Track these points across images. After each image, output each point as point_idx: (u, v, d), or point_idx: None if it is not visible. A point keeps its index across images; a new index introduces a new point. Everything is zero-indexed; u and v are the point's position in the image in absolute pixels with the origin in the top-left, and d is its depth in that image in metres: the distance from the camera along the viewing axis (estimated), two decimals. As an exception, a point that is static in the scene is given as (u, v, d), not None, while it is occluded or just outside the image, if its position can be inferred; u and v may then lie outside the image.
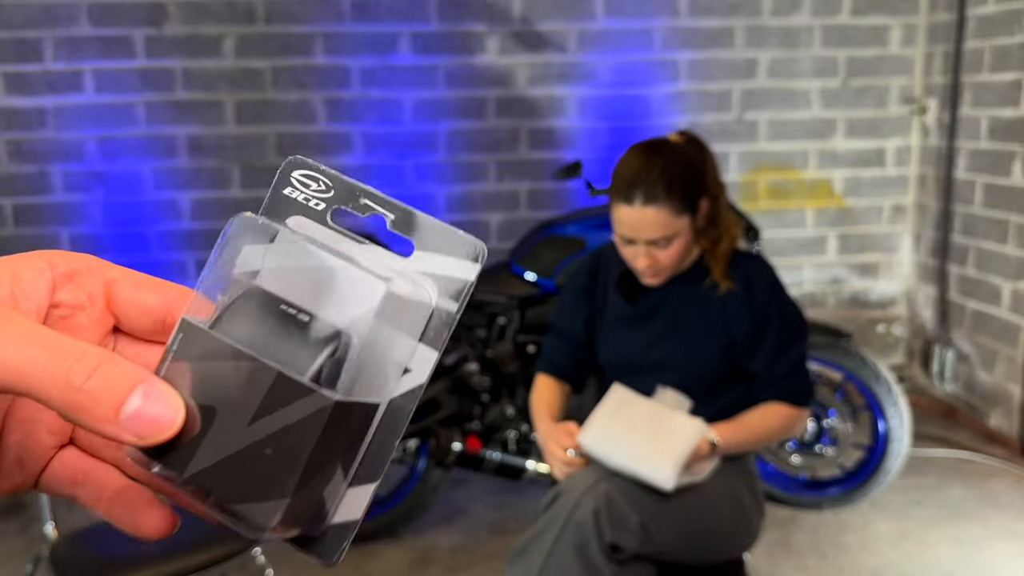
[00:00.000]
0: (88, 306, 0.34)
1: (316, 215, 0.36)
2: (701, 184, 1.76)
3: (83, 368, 0.29)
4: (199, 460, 0.32)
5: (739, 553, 1.82)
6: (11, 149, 3.54)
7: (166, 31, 3.51)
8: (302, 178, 0.36)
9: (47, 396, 0.29)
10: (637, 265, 1.77)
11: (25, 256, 0.34)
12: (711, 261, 1.81)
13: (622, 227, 1.74)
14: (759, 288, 1.80)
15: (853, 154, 3.94)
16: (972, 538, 2.74)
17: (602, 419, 1.71)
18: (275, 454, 0.31)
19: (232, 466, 0.32)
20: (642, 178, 1.69)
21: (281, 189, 0.36)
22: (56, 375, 0.29)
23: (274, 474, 0.31)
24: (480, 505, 3.03)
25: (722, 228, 1.81)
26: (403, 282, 0.34)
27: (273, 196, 0.36)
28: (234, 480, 0.32)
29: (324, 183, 0.36)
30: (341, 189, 0.36)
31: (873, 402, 2.88)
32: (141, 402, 0.30)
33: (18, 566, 2.64)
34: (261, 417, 0.31)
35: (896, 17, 3.84)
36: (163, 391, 0.30)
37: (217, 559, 1.92)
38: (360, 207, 0.36)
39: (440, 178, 3.75)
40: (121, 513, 0.36)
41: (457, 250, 0.35)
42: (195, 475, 0.32)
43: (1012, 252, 3.40)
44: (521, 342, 2.78)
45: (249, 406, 0.31)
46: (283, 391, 0.31)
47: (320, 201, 0.36)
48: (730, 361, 1.81)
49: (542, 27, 3.68)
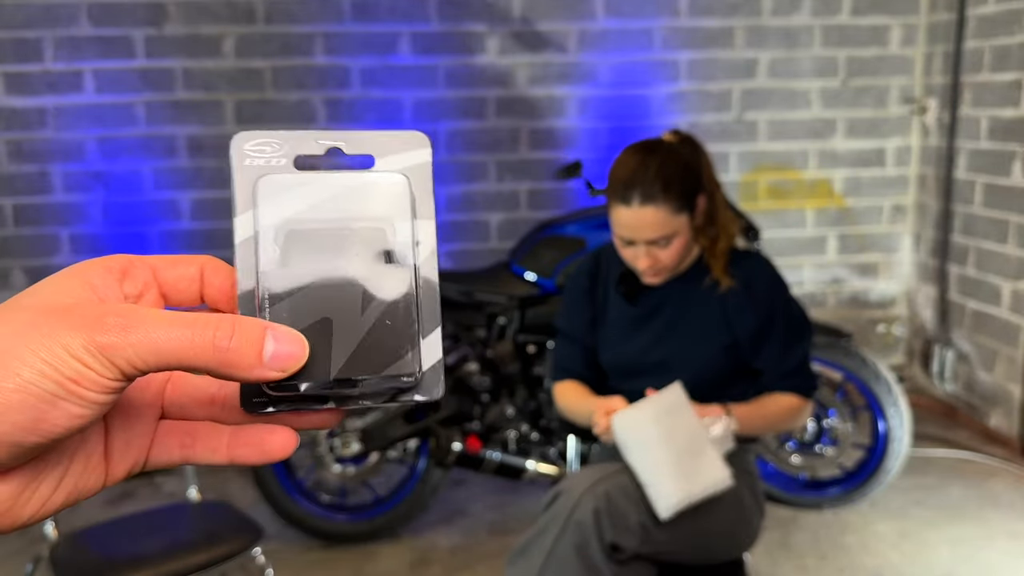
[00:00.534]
0: (146, 292, 0.40)
1: (281, 169, 0.41)
2: (698, 182, 1.76)
3: (224, 333, 0.35)
4: (336, 360, 0.39)
5: (739, 553, 1.82)
6: (11, 149, 3.54)
7: (166, 31, 3.51)
8: (255, 148, 0.41)
9: (203, 363, 0.35)
10: (638, 266, 1.77)
11: (84, 266, 0.38)
12: (710, 259, 1.82)
13: (621, 228, 1.74)
14: (761, 286, 1.81)
15: (853, 154, 3.94)
16: (972, 538, 2.74)
17: (647, 413, 1.67)
18: (393, 322, 0.40)
19: (365, 348, 0.40)
20: (639, 178, 1.69)
21: (242, 163, 0.40)
22: (205, 344, 0.35)
23: (401, 333, 0.40)
24: (480, 505, 3.03)
25: (720, 226, 1.81)
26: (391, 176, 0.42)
27: (239, 172, 0.40)
28: (373, 356, 0.40)
29: (275, 144, 0.41)
30: (294, 141, 0.41)
31: (873, 402, 2.88)
32: (275, 345, 0.36)
33: (18, 566, 2.64)
34: (367, 306, 0.40)
35: (896, 17, 3.84)
36: (285, 330, 0.37)
37: (217, 559, 1.92)
38: (318, 147, 0.41)
39: (440, 178, 3.75)
40: (247, 450, 0.41)
41: (408, 146, 0.43)
42: (341, 371, 0.39)
43: (1012, 252, 3.40)
44: (521, 342, 2.78)
45: (354, 304, 0.40)
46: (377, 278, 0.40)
47: (280, 158, 0.41)
48: (733, 360, 1.81)
49: (542, 27, 3.68)
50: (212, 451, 0.41)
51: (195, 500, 2.23)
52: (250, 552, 2.03)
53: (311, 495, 2.82)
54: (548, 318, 2.73)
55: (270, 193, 0.40)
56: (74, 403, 0.33)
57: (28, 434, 0.33)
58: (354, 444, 2.72)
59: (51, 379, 0.33)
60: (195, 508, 2.17)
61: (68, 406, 0.33)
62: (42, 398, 0.33)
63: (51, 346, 0.33)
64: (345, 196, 0.41)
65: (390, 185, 0.42)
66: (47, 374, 0.33)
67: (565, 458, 2.67)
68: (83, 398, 0.33)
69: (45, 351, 0.33)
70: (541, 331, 2.77)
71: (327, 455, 2.77)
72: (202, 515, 2.14)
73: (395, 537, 2.83)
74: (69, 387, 0.33)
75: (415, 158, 0.43)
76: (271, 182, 0.40)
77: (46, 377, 0.33)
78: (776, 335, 1.80)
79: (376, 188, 0.41)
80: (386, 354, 0.40)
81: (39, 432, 0.33)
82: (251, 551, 2.04)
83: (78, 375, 0.33)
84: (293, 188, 0.40)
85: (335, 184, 0.41)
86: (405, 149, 0.43)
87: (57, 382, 0.33)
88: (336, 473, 2.81)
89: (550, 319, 2.71)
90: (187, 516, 2.13)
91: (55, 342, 0.33)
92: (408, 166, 0.43)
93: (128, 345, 0.34)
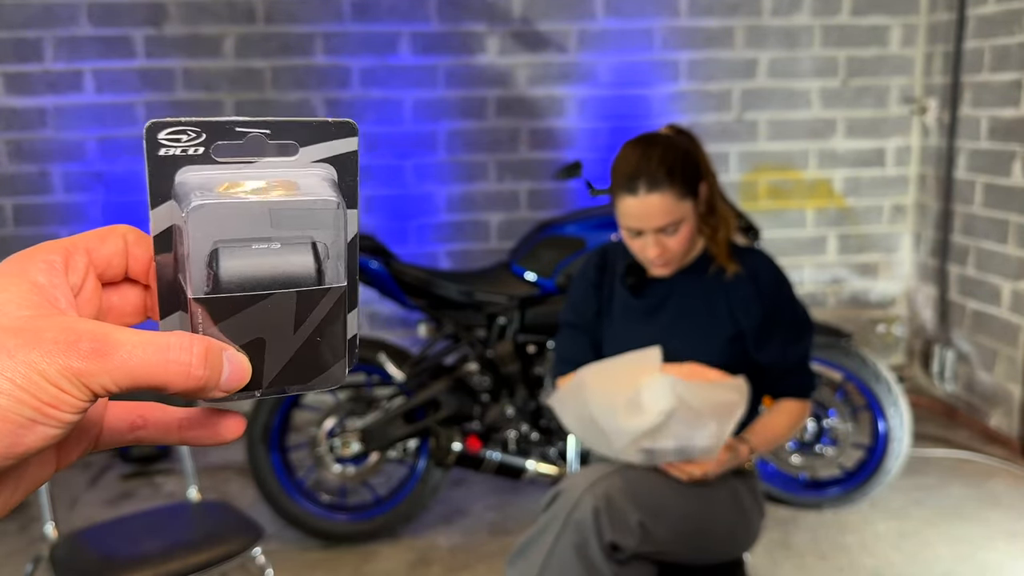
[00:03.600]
0: (86, 277, 0.40)
1: (199, 159, 0.39)
2: (698, 169, 1.78)
3: (198, 360, 0.36)
4: (268, 374, 0.40)
5: (739, 553, 1.82)
6: (11, 149, 3.54)
7: (166, 31, 3.51)
8: (170, 136, 0.38)
9: (175, 388, 0.36)
10: (648, 255, 1.77)
11: (24, 264, 0.38)
12: (712, 248, 1.84)
13: (628, 219, 1.75)
14: (767, 280, 1.83)
15: (853, 154, 3.94)
16: (972, 538, 2.74)
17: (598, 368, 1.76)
18: (323, 338, 0.41)
19: (295, 363, 0.41)
20: (643, 168, 1.71)
21: (155, 153, 0.38)
22: (180, 371, 0.36)
23: (330, 347, 0.41)
24: (480, 505, 3.03)
25: (719, 215, 1.83)
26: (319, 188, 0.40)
27: (151, 162, 0.38)
28: (301, 369, 0.41)
29: (193, 131, 0.39)
30: (211, 129, 0.39)
31: (873, 402, 2.88)
32: (229, 370, 0.38)
33: (18, 566, 2.64)
34: (300, 324, 0.40)
35: (896, 17, 3.84)
36: (236, 356, 0.38)
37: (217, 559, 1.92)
38: (237, 135, 0.39)
39: (440, 178, 3.75)
40: (198, 433, 0.42)
41: (333, 134, 0.41)
42: (271, 384, 0.41)
43: (1012, 252, 3.40)
44: (521, 342, 2.78)
45: (288, 322, 0.40)
46: (308, 300, 0.40)
47: (197, 147, 0.39)
48: (738, 351, 1.81)
49: (542, 27, 3.68)
50: (164, 433, 0.43)
51: (195, 500, 2.23)
52: (250, 552, 2.03)
53: (311, 495, 2.82)
54: (548, 318, 2.73)
55: (191, 190, 0.38)
56: (50, 426, 0.34)
57: (2, 460, 0.34)
58: (354, 444, 2.72)
59: (28, 405, 0.33)
60: (195, 508, 2.17)
61: (44, 429, 0.34)
62: (19, 424, 0.33)
63: (27, 373, 0.33)
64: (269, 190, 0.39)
65: (316, 177, 0.41)
66: (25, 401, 0.33)
67: (565, 458, 2.67)
68: (60, 420, 0.34)
69: (21, 378, 0.33)
70: (541, 331, 2.77)
71: (327, 455, 2.77)
72: (202, 515, 2.14)
73: (395, 537, 2.82)
74: (46, 411, 0.33)
75: (342, 147, 0.42)
76: (189, 175, 0.39)
77: (24, 404, 0.33)
78: (779, 331, 1.82)
79: (303, 181, 0.40)
80: (315, 368, 0.41)
81: (13, 455, 0.34)
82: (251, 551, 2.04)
83: (55, 400, 0.33)
84: (213, 182, 0.39)
85: (259, 176, 0.40)
86: (331, 137, 0.41)
87: (35, 408, 0.33)
88: (336, 473, 2.81)
89: (550, 319, 2.71)
90: (187, 516, 2.13)
91: (31, 369, 0.33)
92: (335, 155, 0.42)
93: (104, 372, 0.34)
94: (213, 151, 0.39)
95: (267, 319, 0.39)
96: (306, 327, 0.40)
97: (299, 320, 0.40)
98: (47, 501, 2.04)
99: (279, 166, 0.41)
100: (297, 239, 0.39)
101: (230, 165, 0.40)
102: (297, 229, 0.39)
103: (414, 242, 3.75)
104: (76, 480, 3.26)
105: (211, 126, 0.39)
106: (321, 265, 0.40)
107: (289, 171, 0.41)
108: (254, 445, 2.72)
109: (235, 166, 0.40)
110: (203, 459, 3.34)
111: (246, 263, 0.38)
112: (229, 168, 0.40)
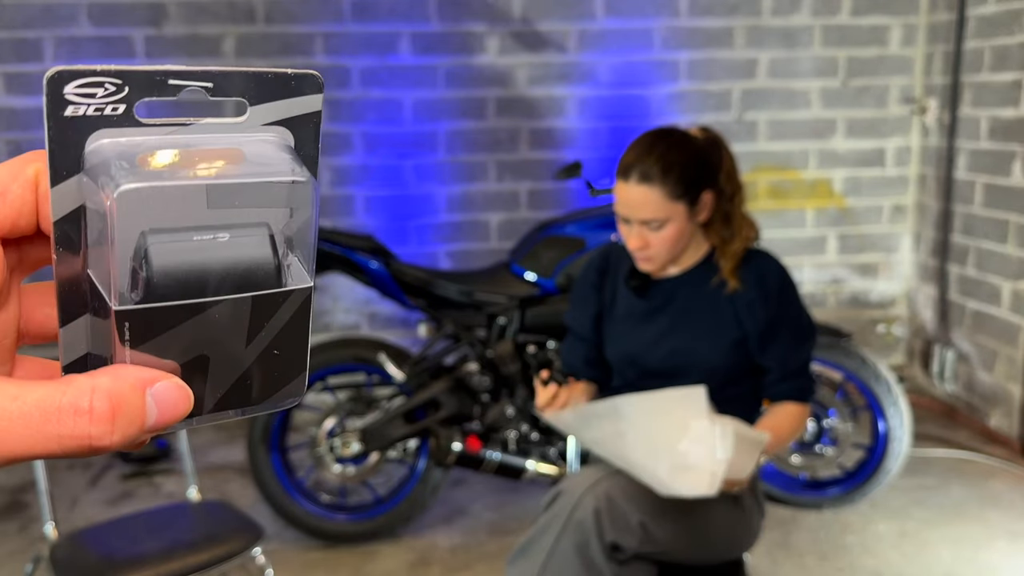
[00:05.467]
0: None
1: (119, 121, 0.30)
2: (707, 176, 1.76)
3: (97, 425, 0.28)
4: (210, 397, 0.33)
5: (739, 553, 1.82)
6: (11, 149, 3.54)
7: (166, 31, 3.51)
8: (80, 91, 0.30)
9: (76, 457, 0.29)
10: (629, 245, 1.78)
11: None
12: (720, 259, 1.82)
13: (619, 205, 1.77)
14: (773, 283, 1.81)
15: (853, 154, 3.94)
16: (972, 538, 2.74)
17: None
18: (282, 350, 0.33)
19: (245, 381, 0.33)
20: (641, 158, 1.72)
21: (60, 112, 0.30)
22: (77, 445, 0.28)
23: (289, 360, 0.34)
24: (480, 505, 3.03)
25: (735, 227, 1.81)
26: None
27: (54, 124, 0.30)
28: (253, 389, 0.33)
29: (111, 84, 0.30)
30: (136, 81, 0.30)
31: (873, 402, 2.88)
32: (156, 413, 0.30)
33: (18, 566, 2.64)
34: (255, 335, 0.32)
35: (896, 17, 3.84)
36: (164, 388, 0.30)
37: (217, 559, 1.92)
38: (169, 90, 0.31)
39: (440, 178, 3.75)
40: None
41: (293, 91, 0.33)
42: (213, 409, 0.33)
43: (1012, 252, 3.40)
44: (521, 342, 2.78)
45: (239, 334, 0.32)
46: (266, 306, 0.32)
47: (117, 104, 0.30)
48: (742, 355, 1.81)
49: (542, 27, 3.67)
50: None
51: (195, 500, 2.23)
52: (250, 552, 2.03)
53: (311, 495, 2.82)
54: (548, 318, 2.73)
55: (108, 161, 0.30)
56: None
57: None
58: (354, 444, 2.72)
59: None
60: (195, 508, 2.17)
61: None
62: None
63: None
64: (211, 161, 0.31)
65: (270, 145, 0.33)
66: None
67: (565, 458, 2.67)
68: None
69: None
70: (541, 331, 2.77)
71: (327, 455, 2.77)
72: (202, 515, 2.14)
73: (395, 537, 2.82)
74: None
75: (302, 105, 0.33)
76: (104, 142, 0.30)
77: None
78: (784, 334, 1.81)
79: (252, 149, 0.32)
80: (271, 386, 0.34)
81: None
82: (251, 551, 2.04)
83: None
84: (137, 151, 0.30)
85: (196, 143, 0.32)
86: (290, 94, 0.33)
87: None
88: (336, 473, 2.80)
89: (550, 319, 2.71)
90: (187, 516, 2.13)
91: None
92: (292, 116, 0.33)
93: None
94: (137, 110, 0.31)
95: (212, 332, 0.31)
96: (262, 338, 0.32)
97: (253, 331, 0.32)
98: (47, 501, 2.04)
99: (221, 130, 0.32)
100: (250, 229, 0.31)
101: (158, 127, 0.31)
102: (249, 215, 0.31)
103: (414, 242, 3.75)
104: (76, 480, 3.26)
105: (135, 77, 0.30)
106: (281, 261, 0.32)
107: (234, 136, 0.33)
108: (254, 445, 2.72)
109: (164, 128, 0.31)
110: (203, 459, 3.34)
111: (185, 261, 0.30)
112: (156, 132, 0.31)
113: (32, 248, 0.33)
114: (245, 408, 0.34)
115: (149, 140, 0.31)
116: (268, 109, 0.33)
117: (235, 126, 0.33)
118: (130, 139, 0.31)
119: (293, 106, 0.33)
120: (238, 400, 0.33)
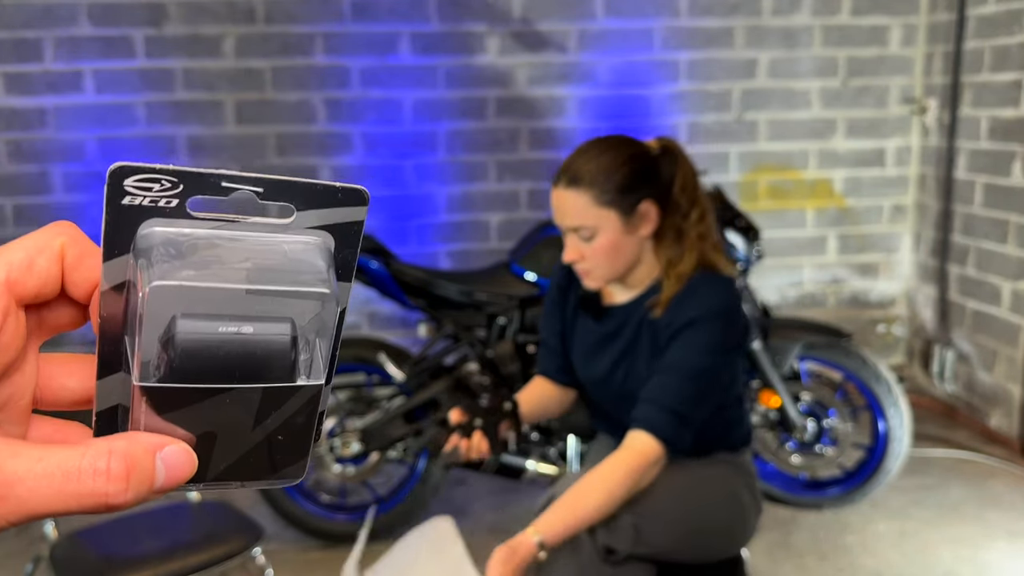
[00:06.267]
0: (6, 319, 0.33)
1: (172, 212, 0.33)
2: (647, 185, 1.62)
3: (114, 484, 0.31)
4: (214, 468, 0.35)
5: (737, 550, 1.82)
6: (11, 149, 3.54)
7: (166, 31, 3.51)
8: (138, 184, 0.32)
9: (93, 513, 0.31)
10: (564, 256, 1.69)
11: None
12: (665, 280, 1.66)
13: (552, 210, 1.68)
14: (692, 306, 1.61)
15: (853, 154, 3.94)
16: (972, 538, 2.74)
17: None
18: (285, 438, 0.35)
19: (248, 459, 0.35)
20: (573, 163, 1.63)
21: (118, 201, 0.32)
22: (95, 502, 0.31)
23: (291, 446, 0.36)
24: (480, 505, 3.03)
25: (686, 246, 1.65)
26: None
27: (111, 211, 0.32)
28: (255, 467, 0.36)
29: (168, 181, 0.32)
30: (191, 180, 0.33)
31: (873, 402, 2.88)
32: (165, 474, 0.33)
33: (18, 566, 2.64)
34: (262, 421, 0.35)
35: (896, 17, 3.84)
36: (172, 452, 0.33)
37: (217, 559, 1.92)
38: (221, 190, 0.33)
39: (440, 178, 3.75)
40: None
41: (338, 201, 0.35)
42: (215, 479, 0.35)
43: (1012, 252, 3.40)
44: (521, 342, 2.78)
45: (247, 419, 0.34)
46: (276, 397, 0.34)
47: (171, 199, 0.33)
48: None
49: (542, 27, 3.68)
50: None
51: (195, 500, 2.23)
52: (250, 552, 2.03)
53: (311, 495, 2.82)
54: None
55: (153, 247, 0.33)
56: None
57: None
58: (354, 444, 2.72)
59: None
60: (195, 508, 2.17)
61: None
62: None
63: None
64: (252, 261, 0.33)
65: (308, 247, 0.35)
66: None
67: (565, 458, 2.67)
68: None
69: None
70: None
71: (327, 455, 2.77)
72: (202, 515, 2.14)
73: (395, 537, 2.82)
74: None
75: (345, 215, 0.35)
76: (155, 229, 0.33)
77: None
78: (671, 357, 1.60)
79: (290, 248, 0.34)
80: (271, 466, 0.36)
81: None
82: (251, 551, 2.04)
83: None
84: (184, 244, 0.33)
85: (241, 243, 0.34)
86: (335, 204, 0.35)
87: None
88: (336, 473, 2.81)
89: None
90: (187, 516, 2.13)
91: None
92: (335, 223, 0.35)
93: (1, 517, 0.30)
94: (189, 203, 0.33)
95: (223, 413, 0.34)
96: (268, 424, 0.35)
97: (261, 417, 0.34)
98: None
99: (266, 229, 0.34)
100: (275, 324, 0.33)
101: (206, 221, 0.34)
102: (275, 313, 0.33)
103: (414, 242, 3.75)
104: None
105: (191, 177, 0.33)
106: (298, 357, 0.34)
107: (277, 236, 0.35)
108: (254, 445, 2.72)
109: (212, 223, 0.34)
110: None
111: (208, 350, 0.32)
112: (204, 225, 0.34)
113: (51, 313, 0.36)
114: (245, 482, 0.36)
115: (197, 232, 0.34)
116: (313, 215, 0.35)
117: (280, 227, 0.35)
118: (176, 229, 0.33)
119: (337, 215, 0.35)
120: (239, 474, 0.36)
